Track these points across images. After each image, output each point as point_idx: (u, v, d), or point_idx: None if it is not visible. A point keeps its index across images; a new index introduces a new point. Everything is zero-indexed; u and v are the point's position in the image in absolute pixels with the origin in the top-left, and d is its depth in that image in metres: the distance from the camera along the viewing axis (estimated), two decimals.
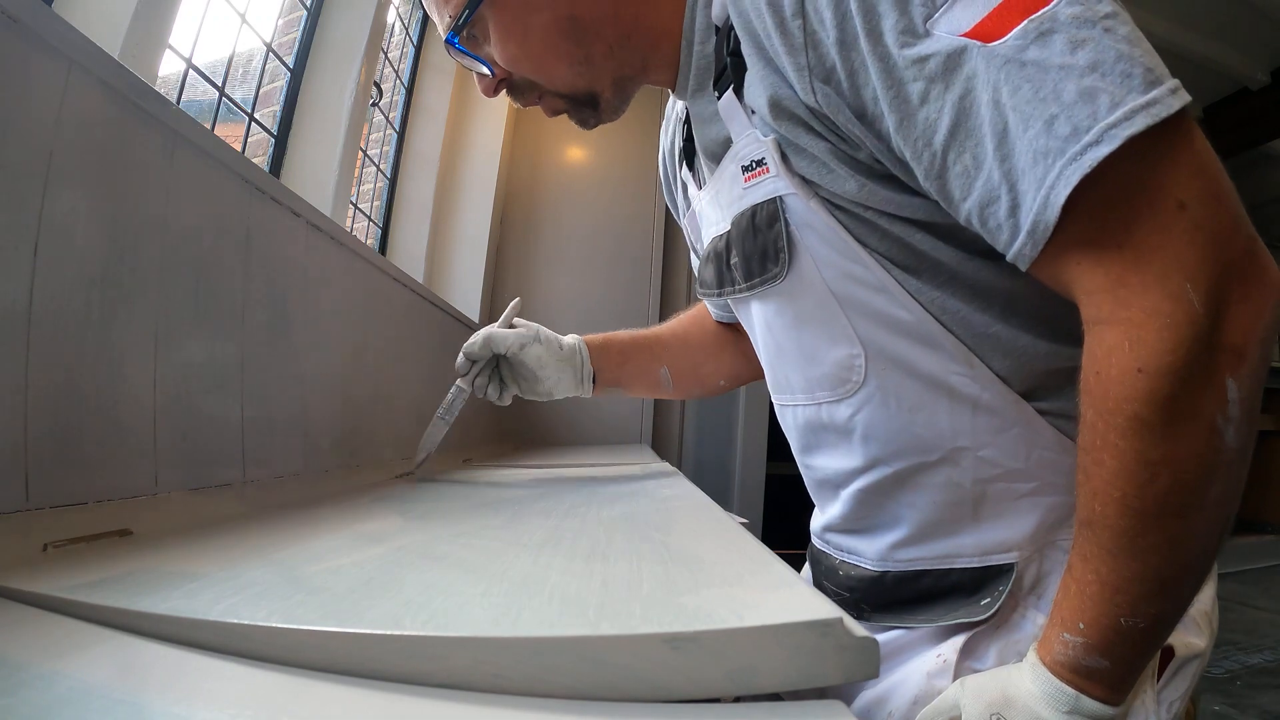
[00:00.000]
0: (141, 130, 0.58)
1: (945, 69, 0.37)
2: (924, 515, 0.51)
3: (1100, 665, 0.37)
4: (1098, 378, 0.36)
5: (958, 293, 0.46)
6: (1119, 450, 0.35)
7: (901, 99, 0.38)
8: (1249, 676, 2.07)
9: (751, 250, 0.52)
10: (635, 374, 0.84)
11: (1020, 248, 0.37)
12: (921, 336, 0.47)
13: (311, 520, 0.59)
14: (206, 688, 0.26)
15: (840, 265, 0.48)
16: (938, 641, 0.50)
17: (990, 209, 0.37)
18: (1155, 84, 0.33)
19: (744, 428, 2.58)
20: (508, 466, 1.26)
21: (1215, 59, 3.29)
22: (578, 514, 0.59)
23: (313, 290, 0.90)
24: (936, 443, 0.49)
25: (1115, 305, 0.35)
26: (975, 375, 0.47)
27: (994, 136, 0.36)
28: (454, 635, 0.26)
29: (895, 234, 0.46)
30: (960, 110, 0.37)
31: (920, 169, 0.40)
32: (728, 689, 0.25)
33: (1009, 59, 0.35)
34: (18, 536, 0.42)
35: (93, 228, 0.53)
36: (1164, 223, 0.34)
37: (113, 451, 0.54)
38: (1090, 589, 0.37)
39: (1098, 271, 0.35)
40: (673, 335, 0.85)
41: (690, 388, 0.86)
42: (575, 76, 0.56)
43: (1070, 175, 0.33)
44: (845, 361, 0.51)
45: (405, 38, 2.05)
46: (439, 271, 2.21)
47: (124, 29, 0.82)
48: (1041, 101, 0.34)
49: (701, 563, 0.38)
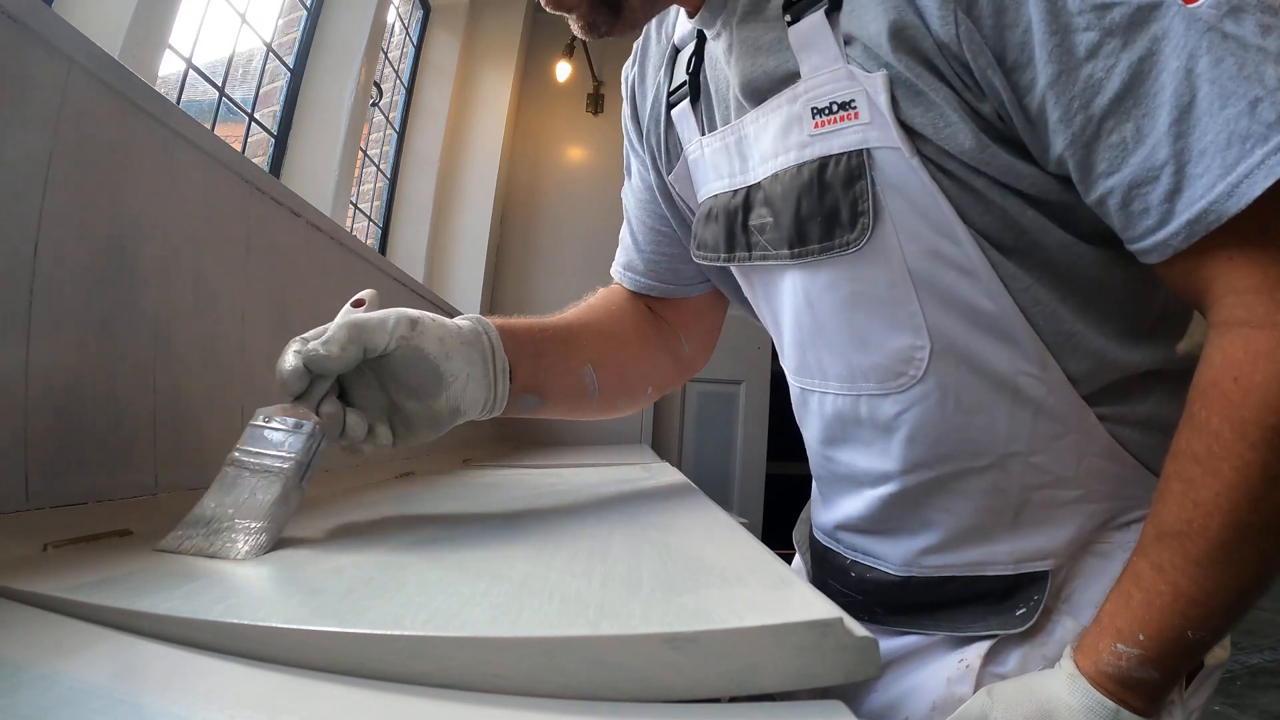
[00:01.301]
0: (141, 130, 0.58)
1: (1132, 23, 0.33)
2: (960, 521, 0.48)
3: (1150, 677, 0.36)
4: (1236, 384, 0.33)
5: (1048, 279, 0.42)
6: (1244, 462, 0.33)
7: (1065, 48, 0.34)
8: (1249, 676, 2.07)
9: (813, 211, 0.44)
10: (555, 376, 0.57)
11: (1168, 237, 0.34)
12: (999, 330, 0.43)
13: (312, 520, 0.59)
14: (206, 688, 0.26)
15: (928, 240, 0.42)
16: (958, 645, 0.48)
17: (1141, 189, 0.34)
18: None
19: (744, 428, 2.58)
20: (508, 466, 1.26)
21: None
22: (578, 514, 0.59)
23: (313, 290, 0.90)
24: (989, 447, 0.45)
25: (1270, 308, 0.33)
26: (1045, 377, 0.43)
27: (1174, 109, 0.32)
28: (454, 635, 0.26)
29: (1004, 207, 0.41)
30: (1137, 73, 0.33)
31: (1067, 133, 0.35)
32: (728, 689, 0.25)
33: (1212, 26, 0.31)
34: (18, 536, 0.42)
35: (93, 228, 0.53)
36: None
37: (113, 451, 0.54)
38: (1162, 600, 0.35)
39: (1255, 271, 0.33)
40: (587, 326, 0.64)
41: (615, 395, 0.64)
42: None
43: (1275, 166, 0.30)
44: (904, 353, 0.45)
45: (405, 38, 2.05)
46: (439, 271, 2.21)
47: (124, 29, 0.82)
48: (1246, 80, 0.31)
49: (701, 563, 0.38)
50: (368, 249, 1.13)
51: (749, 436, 2.58)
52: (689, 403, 2.58)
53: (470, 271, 2.23)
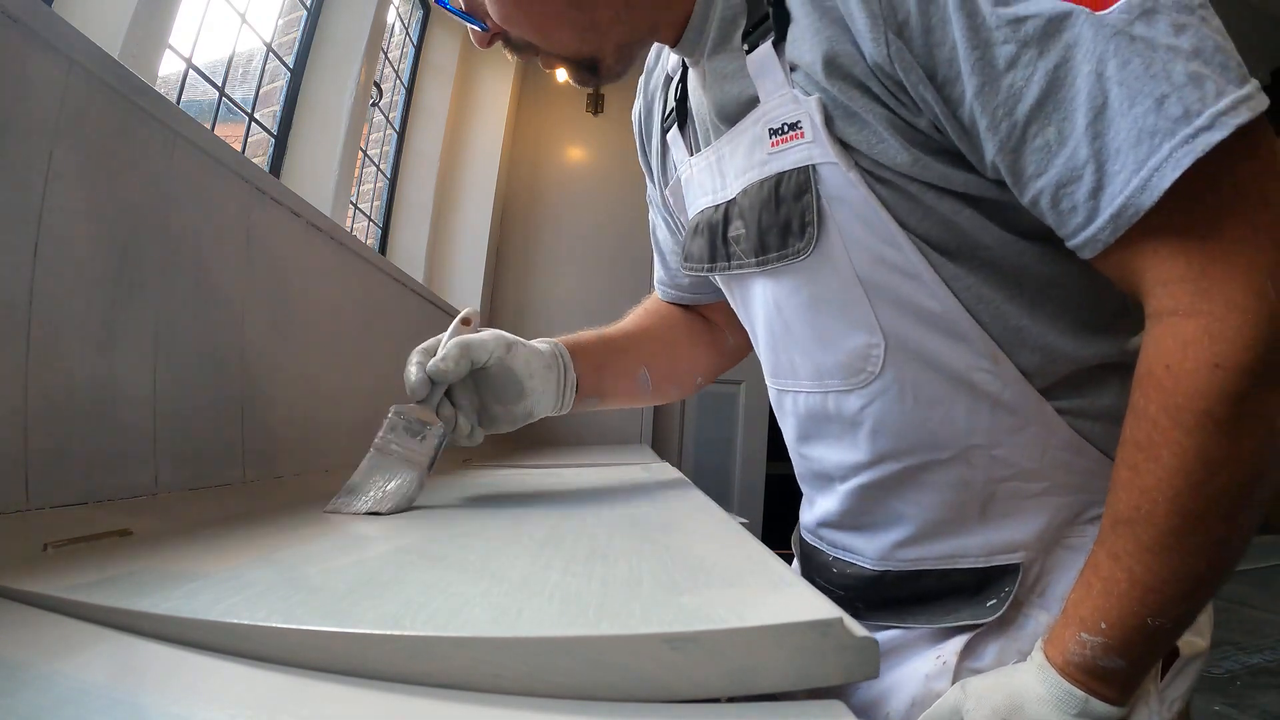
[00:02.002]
0: (141, 130, 0.58)
1: (1045, 33, 0.34)
2: (929, 514, 0.49)
3: (1116, 666, 0.36)
4: (1168, 371, 0.34)
5: (992, 280, 0.44)
6: (1181, 447, 0.34)
7: (986, 61, 0.36)
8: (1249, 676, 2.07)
9: (770, 222, 0.48)
10: (613, 380, 0.70)
11: (1096, 232, 0.35)
12: (948, 328, 0.45)
13: (311, 520, 0.59)
14: (206, 688, 0.26)
15: (871, 246, 0.45)
16: (936, 642, 0.49)
17: (1067, 189, 0.36)
18: (1245, 80, 0.33)
19: (744, 428, 2.58)
20: (508, 466, 1.26)
21: None
22: (578, 514, 0.59)
23: (313, 290, 0.90)
24: (950, 440, 0.47)
25: (1196, 297, 0.34)
26: (999, 371, 0.45)
27: (1089, 111, 0.34)
28: (454, 635, 0.26)
29: (941, 211, 0.43)
30: (1053, 79, 0.35)
31: (994, 141, 0.37)
32: (728, 689, 0.25)
33: (1119, 30, 0.33)
34: (18, 536, 0.42)
35: (93, 228, 0.53)
36: (1251, 218, 0.33)
37: (113, 451, 0.54)
38: (1119, 588, 0.36)
39: (1179, 261, 0.34)
40: (642, 332, 0.75)
41: (669, 389, 0.77)
42: (579, 42, 0.51)
43: (1181, 159, 0.32)
44: (862, 350, 0.48)
45: (405, 38, 2.05)
46: (439, 271, 2.21)
47: (124, 29, 0.82)
48: (1153, 79, 0.32)
49: (701, 563, 0.38)
50: (368, 249, 1.13)
51: (749, 436, 2.58)
52: (689, 403, 2.58)
53: (470, 271, 2.23)
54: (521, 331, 0.68)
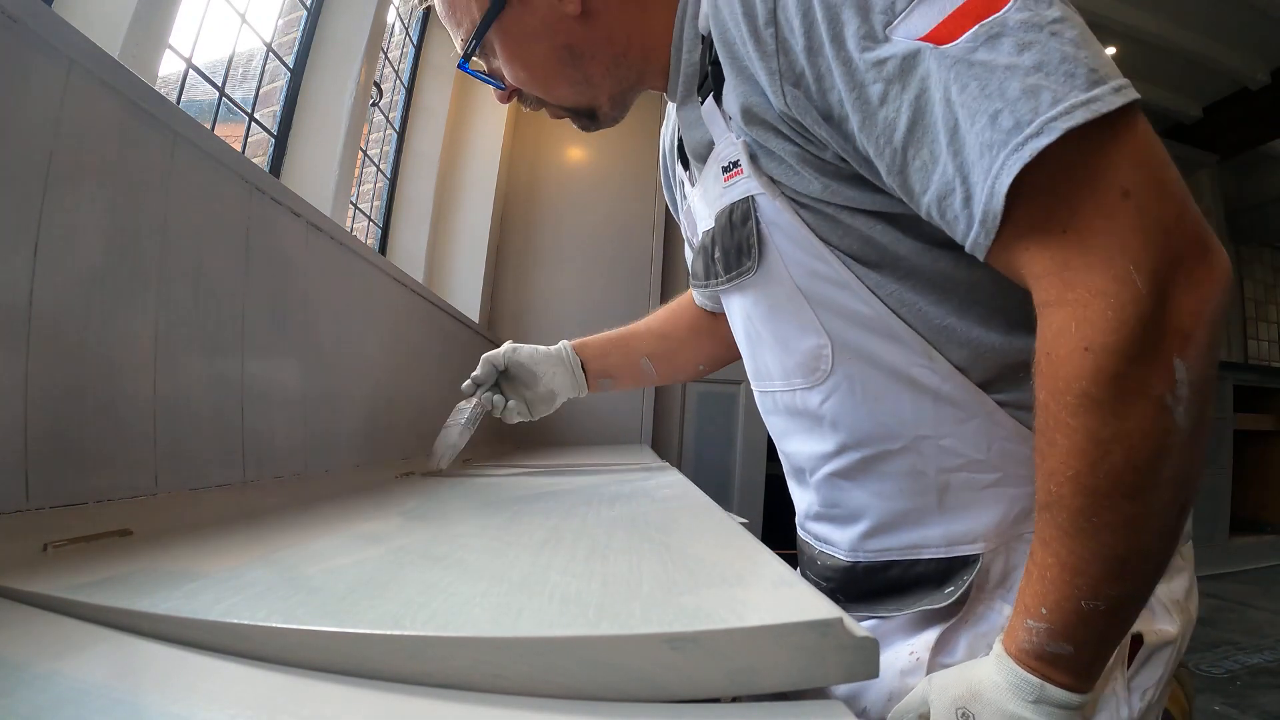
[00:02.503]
0: (141, 130, 0.58)
1: (902, 70, 0.39)
2: (891, 504, 0.53)
3: (1064, 651, 0.38)
4: (1048, 358, 0.37)
5: (915, 286, 0.48)
6: (1070, 429, 0.36)
7: (863, 100, 0.41)
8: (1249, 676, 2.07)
9: (729, 245, 0.56)
10: (619, 365, 0.91)
11: (975, 236, 0.39)
12: (882, 330, 0.50)
13: (311, 520, 0.59)
14: (206, 688, 0.26)
15: (805, 262, 0.51)
16: (910, 634, 0.51)
17: (947, 201, 0.39)
18: (1099, 83, 0.35)
19: (744, 428, 2.58)
20: (508, 466, 1.26)
21: (1215, 59, 3.29)
22: (578, 514, 0.59)
23: (312, 290, 0.90)
24: (900, 430, 0.51)
25: (1062, 287, 0.36)
26: (935, 367, 0.49)
27: (946, 132, 0.38)
28: (454, 635, 0.26)
29: (856, 228, 0.48)
30: (916, 109, 0.39)
31: (883, 165, 0.42)
32: (728, 689, 0.25)
33: (959, 59, 0.37)
34: (18, 536, 0.42)
35: (93, 228, 0.53)
36: (1108, 209, 0.35)
37: (113, 451, 0.54)
38: (1051, 572, 0.38)
39: (1044, 256, 0.37)
40: (648, 330, 0.92)
41: (672, 373, 0.94)
42: (576, 95, 0.60)
43: (1012, 165, 0.35)
44: (814, 351, 0.53)
45: (405, 38, 2.05)
46: (439, 271, 2.21)
47: (124, 29, 0.82)
48: (987, 98, 0.36)
49: (701, 562, 0.38)
50: (368, 249, 1.13)
51: (749, 436, 2.57)
52: (689, 403, 2.58)
53: (470, 271, 2.23)
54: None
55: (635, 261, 2.54)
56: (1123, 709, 0.45)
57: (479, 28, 0.57)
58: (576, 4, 0.55)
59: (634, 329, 0.93)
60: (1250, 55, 3.35)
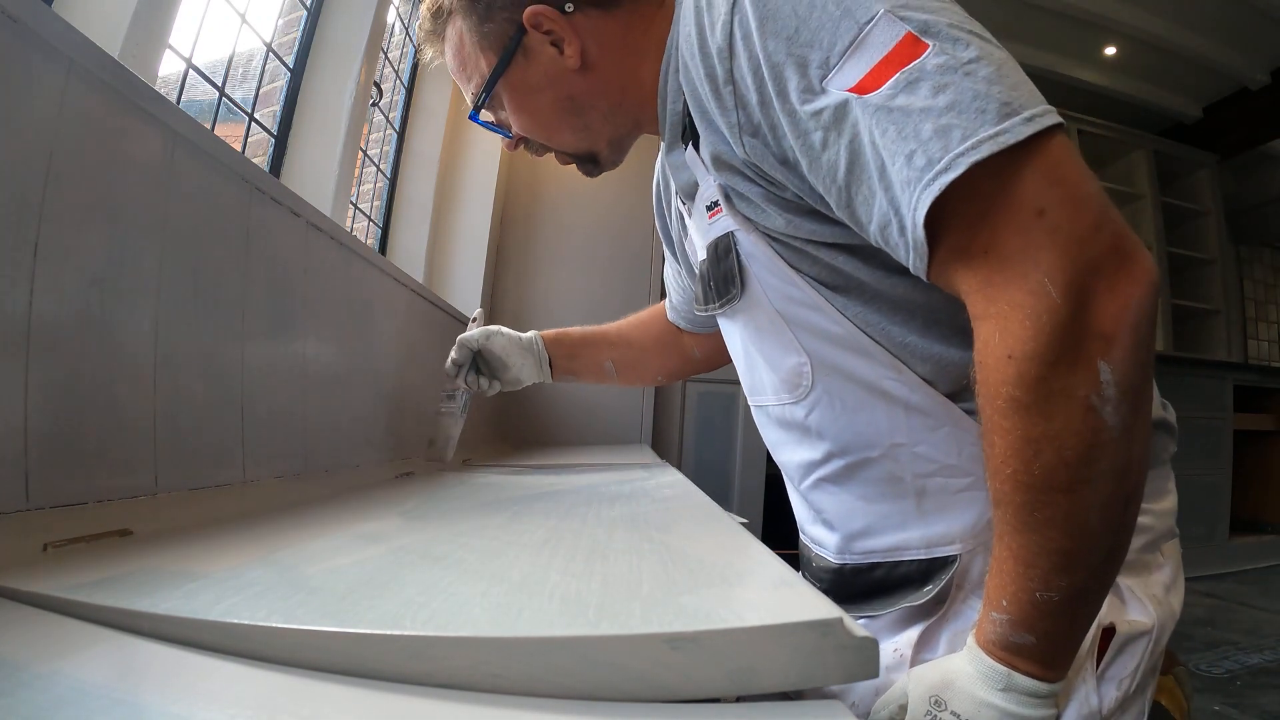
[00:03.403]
0: (141, 130, 0.58)
1: (835, 119, 0.43)
2: (873, 507, 0.57)
3: (1026, 641, 0.40)
4: (980, 367, 0.40)
5: (879, 308, 0.52)
6: (1004, 430, 0.39)
7: (808, 145, 0.45)
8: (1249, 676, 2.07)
9: (717, 275, 0.60)
10: (584, 366, 1.00)
11: (913, 261, 0.42)
12: (854, 346, 0.53)
13: (311, 520, 0.59)
14: (206, 688, 0.26)
15: (780, 288, 0.55)
16: (894, 633, 0.54)
17: (888, 230, 0.43)
18: (1011, 114, 0.38)
19: (744, 428, 2.58)
20: (508, 466, 1.26)
21: (1215, 59, 3.30)
22: (578, 514, 0.59)
23: (312, 290, 0.90)
24: (877, 439, 0.55)
25: (986, 302, 0.40)
26: (903, 380, 0.52)
27: (877, 171, 0.42)
28: (454, 635, 0.26)
29: (822, 259, 0.52)
30: (852, 151, 0.43)
31: (832, 201, 0.46)
32: (728, 689, 0.25)
33: (879, 106, 0.41)
34: (18, 536, 0.42)
35: (93, 228, 0.53)
36: (1023, 228, 0.38)
37: (113, 451, 0.54)
38: (1007, 566, 0.40)
39: (970, 275, 0.40)
40: (619, 336, 1.00)
41: (632, 379, 1.03)
42: (578, 141, 0.66)
43: (925, 199, 0.39)
44: (796, 368, 0.58)
45: (405, 38, 2.05)
46: (439, 271, 2.21)
47: (124, 29, 0.82)
48: (903, 139, 0.40)
49: (701, 563, 0.38)
50: (368, 249, 1.13)
51: (749, 436, 2.57)
52: (689, 403, 2.58)
53: (470, 271, 2.23)
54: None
55: (635, 261, 2.54)
56: (1092, 698, 0.47)
57: (488, 81, 0.62)
58: (576, 59, 0.60)
59: (605, 332, 1.00)
60: (1250, 55, 3.35)
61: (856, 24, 0.42)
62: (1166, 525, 0.57)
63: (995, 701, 0.40)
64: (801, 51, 0.44)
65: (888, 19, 0.42)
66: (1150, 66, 3.41)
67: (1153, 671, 0.51)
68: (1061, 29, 3.11)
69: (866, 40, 0.42)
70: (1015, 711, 0.39)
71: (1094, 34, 3.19)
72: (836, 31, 0.43)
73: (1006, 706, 0.39)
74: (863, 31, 0.42)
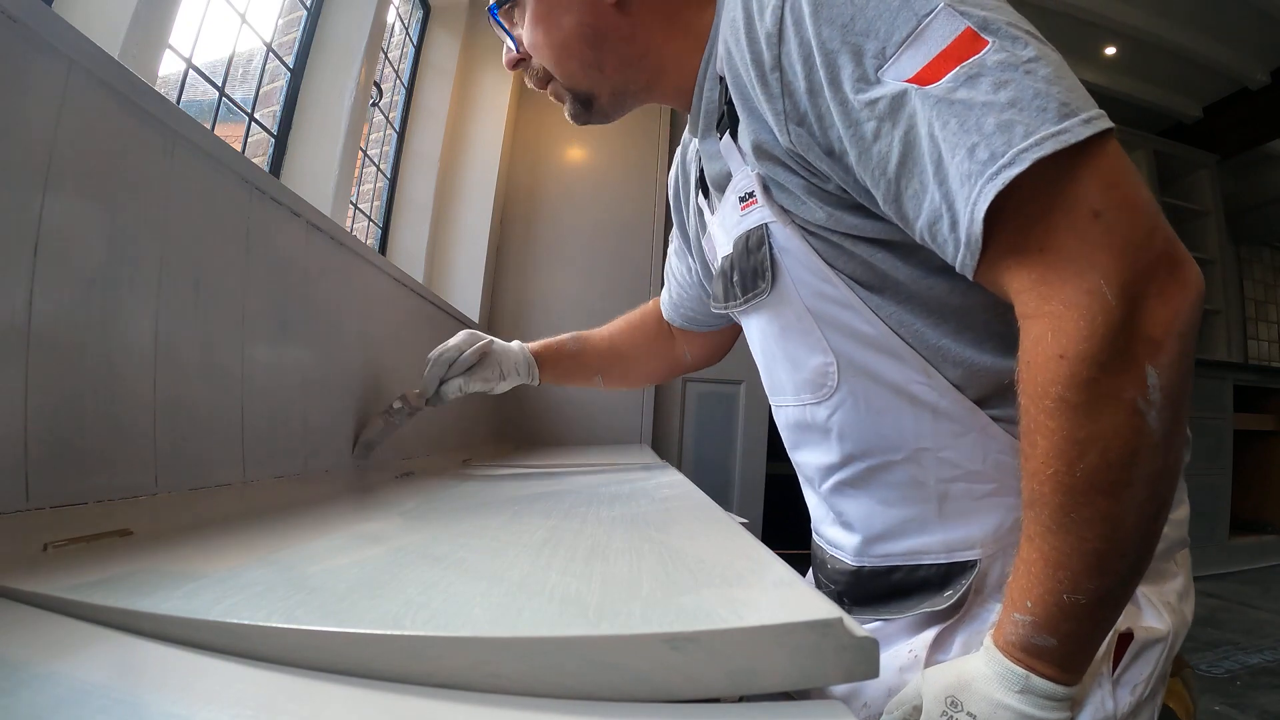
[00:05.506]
0: (141, 130, 0.58)
1: (891, 109, 0.42)
2: (894, 511, 0.56)
3: (1048, 643, 0.39)
4: (1027, 367, 0.40)
5: (914, 309, 0.52)
6: (1049, 430, 0.38)
7: (859, 136, 0.44)
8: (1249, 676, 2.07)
9: (746, 269, 0.59)
10: (569, 377, 1.01)
11: (963, 257, 0.41)
12: (884, 348, 0.53)
13: (311, 520, 0.59)
14: (206, 688, 0.26)
15: (813, 284, 0.54)
16: (910, 635, 0.54)
17: (937, 225, 0.42)
18: (1070, 115, 0.38)
19: (744, 428, 2.58)
20: (508, 466, 1.26)
21: (1215, 59, 3.30)
22: (578, 514, 0.59)
23: (313, 290, 0.90)
24: (901, 443, 0.54)
25: (1039, 301, 0.39)
26: (933, 384, 0.52)
27: (933, 164, 0.41)
28: (454, 635, 0.26)
29: (859, 254, 0.52)
30: (906, 143, 0.42)
31: (879, 195, 0.45)
32: (728, 689, 0.25)
33: (940, 99, 0.40)
34: (18, 536, 0.42)
35: (93, 228, 0.53)
36: (1080, 229, 0.38)
37: (113, 451, 0.54)
38: (1035, 567, 0.40)
39: (1023, 273, 0.40)
40: (609, 345, 1.00)
41: (618, 385, 1.04)
42: (583, 76, 0.63)
43: (988, 192, 0.38)
44: (821, 368, 0.57)
45: (405, 38, 2.05)
46: (439, 271, 2.21)
47: (124, 29, 0.82)
48: (966, 133, 0.39)
49: (701, 563, 0.38)
50: (368, 249, 1.13)
51: (749, 436, 2.57)
52: (689, 403, 2.58)
53: (470, 271, 2.23)
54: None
55: (635, 261, 2.54)
56: (1107, 703, 0.46)
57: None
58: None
59: (594, 341, 0.99)
60: (1250, 55, 3.35)
61: (915, 15, 0.42)
62: (1180, 534, 0.57)
63: (1012, 703, 0.40)
64: (857, 40, 0.43)
65: (948, 12, 0.41)
66: (1150, 66, 3.41)
67: (1164, 677, 0.51)
68: (1061, 29, 3.11)
69: (925, 32, 0.41)
70: (1032, 713, 0.39)
71: (1094, 34, 3.19)
72: (895, 21, 0.42)
73: (1023, 708, 0.39)
74: (922, 23, 0.41)
